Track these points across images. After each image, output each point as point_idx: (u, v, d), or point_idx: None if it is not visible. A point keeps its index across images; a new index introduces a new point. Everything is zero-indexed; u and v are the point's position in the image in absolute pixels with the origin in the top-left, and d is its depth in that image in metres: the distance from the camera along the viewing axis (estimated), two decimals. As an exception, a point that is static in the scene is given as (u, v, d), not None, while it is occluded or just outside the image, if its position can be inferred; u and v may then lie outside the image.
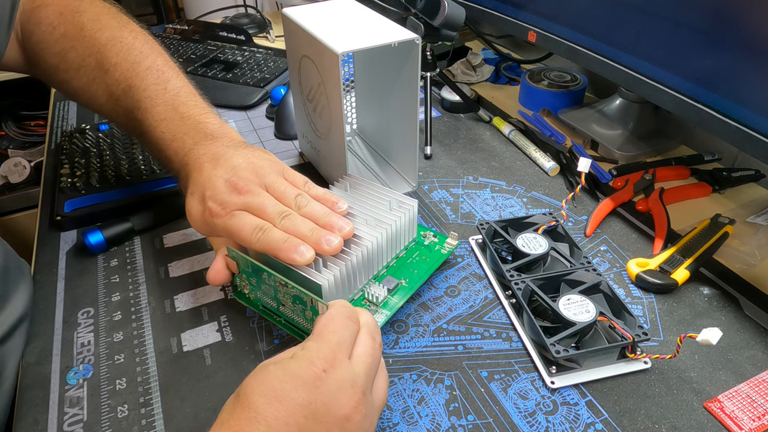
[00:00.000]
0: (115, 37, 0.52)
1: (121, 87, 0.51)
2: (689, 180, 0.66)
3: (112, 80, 0.51)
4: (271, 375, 0.31)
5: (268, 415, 0.30)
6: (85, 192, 0.62)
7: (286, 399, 0.30)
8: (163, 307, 0.51)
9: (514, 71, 0.95)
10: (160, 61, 0.52)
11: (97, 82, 0.52)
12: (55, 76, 0.54)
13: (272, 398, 0.30)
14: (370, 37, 0.52)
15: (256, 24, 1.19)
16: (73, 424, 0.41)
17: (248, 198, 0.43)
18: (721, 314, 0.49)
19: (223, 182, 0.44)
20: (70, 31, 0.52)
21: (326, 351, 0.32)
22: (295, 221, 0.42)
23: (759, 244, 0.56)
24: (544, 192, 0.66)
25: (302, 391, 0.31)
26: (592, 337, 0.44)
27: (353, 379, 0.32)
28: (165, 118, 0.49)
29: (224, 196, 0.43)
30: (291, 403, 0.30)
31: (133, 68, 0.51)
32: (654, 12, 0.54)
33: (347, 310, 0.37)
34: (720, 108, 0.49)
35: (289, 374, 0.31)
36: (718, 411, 0.41)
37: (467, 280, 0.53)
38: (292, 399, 0.30)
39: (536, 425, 0.40)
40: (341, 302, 0.38)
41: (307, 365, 0.31)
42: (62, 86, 0.55)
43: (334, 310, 0.36)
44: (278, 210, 0.43)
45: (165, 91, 0.50)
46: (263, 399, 0.30)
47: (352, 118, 0.74)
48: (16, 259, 0.53)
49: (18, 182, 1.26)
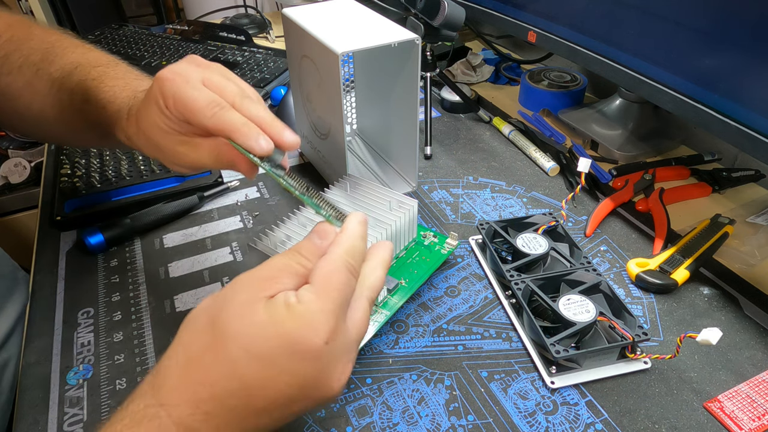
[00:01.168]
0: (64, 37, 0.51)
1: (67, 69, 0.48)
2: (689, 180, 0.66)
3: (58, 67, 0.49)
4: (261, 329, 0.27)
5: (248, 376, 0.27)
6: (85, 192, 0.62)
7: (274, 366, 0.27)
8: (163, 307, 0.51)
9: (514, 71, 0.95)
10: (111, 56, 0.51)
11: (40, 73, 0.49)
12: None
13: (258, 359, 0.27)
14: (370, 37, 0.52)
15: (256, 24, 1.19)
16: (73, 424, 0.41)
17: (207, 72, 0.38)
18: (721, 314, 0.49)
19: (182, 61, 0.39)
20: (18, 35, 0.50)
21: (331, 319, 0.28)
22: (256, 106, 0.38)
23: (759, 244, 0.56)
24: (544, 192, 0.66)
25: (296, 362, 0.27)
26: (592, 337, 0.44)
27: (348, 349, 0.30)
28: (118, 76, 0.46)
29: (181, 66, 0.38)
30: (279, 371, 0.27)
31: (83, 54, 0.49)
32: (654, 12, 0.54)
33: (353, 259, 0.32)
34: (720, 108, 0.49)
35: (286, 339, 0.27)
36: (718, 411, 0.41)
37: (467, 280, 0.53)
38: (282, 368, 0.27)
39: (536, 425, 0.40)
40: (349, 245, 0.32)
41: (310, 334, 0.27)
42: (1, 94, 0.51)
43: (341, 258, 0.31)
44: (238, 91, 0.38)
45: (117, 64, 0.49)
46: (246, 357, 0.27)
47: (352, 118, 0.74)
48: (10, 264, 0.53)
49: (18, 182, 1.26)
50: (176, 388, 0.28)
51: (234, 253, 0.57)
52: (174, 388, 0.28)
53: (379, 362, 0.45)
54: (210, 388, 0.27)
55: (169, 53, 0.99)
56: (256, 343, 0.27)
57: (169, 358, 0.29)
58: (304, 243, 0.33)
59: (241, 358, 0.27)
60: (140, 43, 1.03)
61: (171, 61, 0.96)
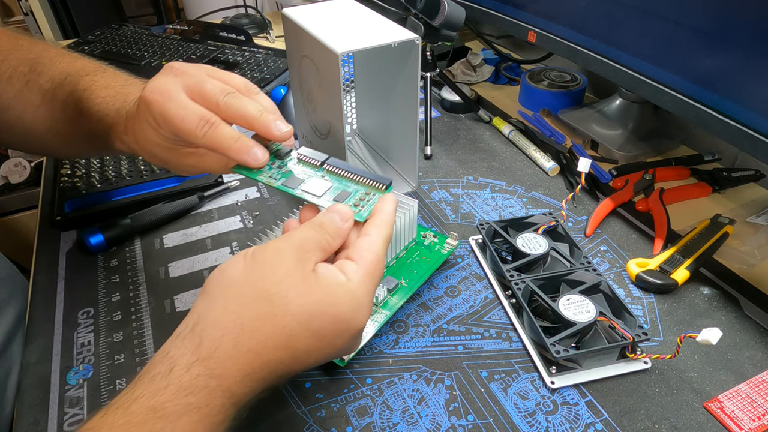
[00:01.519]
0: (49, 46, 0.51)
1: (57, 80, 0.48)
2: (689, 180, 0.66)
3: (47, 78, 0.49)
4: (319, 308, 0.30)
5: (300, 346, 0.29)
6: (85, 192, 0.62)
7: (323, 340, 0.30)
8: (163, 307, 0.51)
9: (514, 71, 0.95)
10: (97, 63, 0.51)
11: (30, 85, 0.49)
12: None
13: (313, 334, 0.29)
14: (370, 37, 0.52)
15: (256, 24, 1.19)
16: (73, 424, 0.41)
17: (186, 79, 0.38)
18: (721, 314, 0.49)
19: (161, 75, 0.40)
20: (4, 46, 0.50)
21: (371, 302, 0.32)
22: (239, 101, 0.38)
23: (759, 244, 0.56)
24: (544, 192, 0.66)
25: (342, 338, 0.31)
26: (592, 337, 0.44)
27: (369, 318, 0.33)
28: (107, 85, 0.46)
29: (161, 81, 0.38)
30: (326, 343, 0.30)
31: (70, 63, 0.49)
32: (654, 12, 0.54)
33: (387, 245, 0.35)
34: (720, 108, 0.49)
35: (340, 319, 0.30)
36: (718, 411, 0.41)
37: (467, 280, 0.53)
38: (329, 341, 0.30)
39: (536, 425, 0.40)
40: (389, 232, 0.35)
41: (358, 317, 0.31)
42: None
43: (383, 246, 0.34)
44: (219, 89, 0.38)
45: (104, 71, 0.49)
46: (304, 332, 0.29)
47: (352, 118, 0.74)
48: (9, 267, 0.53)
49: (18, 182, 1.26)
50: (230, 357, 0.28)
51: (234, 253, 0.57)
52: (228, 358, 0.28)
53: (379, 362, 0.45)
54: (263, 357, 0.29)
55: (169, 53, 0.99)
56: (314, 320, 0.30)
57: (213, 326, 0.29)
58: (328, 222, 0.34)
59: (299, 333, 0.29)
60: (140, 43, 1.03)
61: (171, 61, 0.96)
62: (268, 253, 0.31)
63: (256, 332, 0.29)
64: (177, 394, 0.27)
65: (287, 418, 0.41)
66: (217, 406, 0.28)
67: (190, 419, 0.27)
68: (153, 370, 0.29)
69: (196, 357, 0.28)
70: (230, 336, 0.28)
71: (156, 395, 0.27)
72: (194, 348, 0.29)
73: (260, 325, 0.29)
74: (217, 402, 0.28)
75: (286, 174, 0.40)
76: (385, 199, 0.36)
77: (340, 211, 0.35)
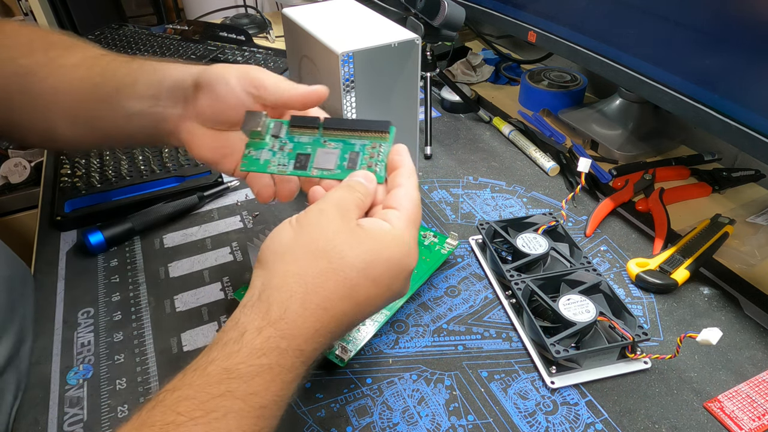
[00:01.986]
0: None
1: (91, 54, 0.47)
2: (689, 180, 0.66)
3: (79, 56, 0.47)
4: (375, 256, 0.31)
5: (361, 294, 0.31)
6: (85, 192, 0.62)
7: (381, 285, 0.32)
8: (163, 307, 0.51)
9: (514, 71, 0.95)
10: None
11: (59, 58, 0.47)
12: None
13: (372, 280, 0.31)
14: (370, 37, 0.52)
15: (256, 24, 1.19)
16: (73, 424, 0.41)
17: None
18: (721, 314, 0.49)
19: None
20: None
21: (416, 244, 0.34)
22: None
23: (759, 244, 0.56)
24: (544, 192, 0.66)
25: (398, 280, 0.33)
26: (592, 337, 0.44)
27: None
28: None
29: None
30: (384, 288, 0.32)
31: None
32: (654, 12, 0.54)
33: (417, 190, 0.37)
34: (720, 108, 0.49)
35: (393, 263, 0.32)
36: (718, 411, 0.41)
37: (467, 280, 0.53)
38: (386, 285, 0.32)
39: (536, 425, 0.40)
40: (416, 180, 0.37)
41: (409, 259, 0.33)
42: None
43: (418, 194, 0.36)
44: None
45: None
46: (364, 280, 0.31)
47: (353, 118, 0.74)
48: (23, 269, 0.53)
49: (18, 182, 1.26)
50: (300, 316, 0.30)
51: (234, 253, 0.57)
52: (298, 317, 0.30)
53: (379, 362, 0.45)
54: (330, 311, 0.30)
55: (169, 53, 0.99)
56: (372, 267, 0.31)
57: (279, 290, 0.30)
58: (356, 184, 0.35)
59: (359, 282, 0.31)
60: (140, 43, 1.03)
61: (171, 61, 0.96)
62: (312, 215, 0.33)
63: (320, 288, 0.30)
64: (250, 355, 0.29)
65: (287, 418, 0.41)
66: (288, 365, 0.29)
67: (263, 379, 0.29)
68: (225, 337, 0.30)
69: (266, 321, 0.29)
70: (297, 296, 0.30)
71: (230, 358, 0.29)
72: (263, 313, 0.30)
73: (323, 280, 0.30)
74: (288, 361, 0.29)
75: (291, 154, 0.40)
76: (398, 152, 0.37)
77: (365, 175, 0.37)
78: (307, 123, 0.40)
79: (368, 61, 0.66)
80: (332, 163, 0.39)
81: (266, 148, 0.40)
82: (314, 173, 0.39)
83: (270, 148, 0.40)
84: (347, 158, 0.39)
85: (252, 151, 0.40)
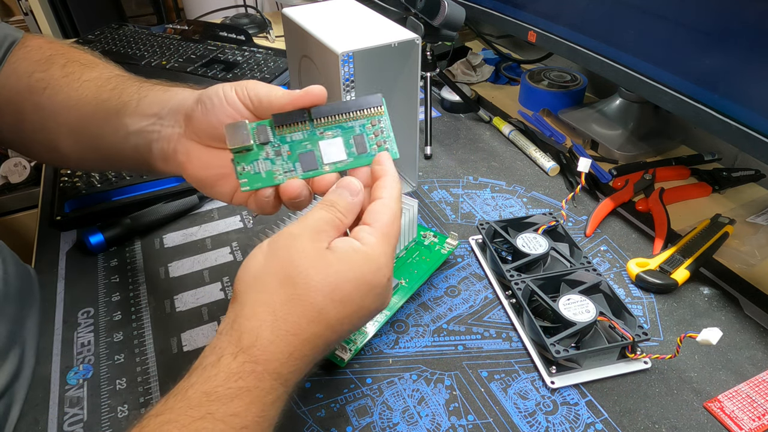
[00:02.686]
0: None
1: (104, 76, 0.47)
2: (689, 180, 0.66)
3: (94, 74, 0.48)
4: (340, 277, 0.31)
5: (330, 316, 0.31)
6: (85, 192, 0.62)
7: (352, 304, 0.32)
8: (163, 307, 0.51)
9: (514, 71, 0.95)
10: None
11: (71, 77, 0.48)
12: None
13: (340, 302, 0.31)
14: (370, 37, 0.52)
15: (256, 24, 1.18)
16: (73, 424, 0.41)
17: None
18: (721, 314, 0.49)
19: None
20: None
21: (390, 259, 0.34)
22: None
23: (759, 244, 0.56)
24: (544, 192, 0.66)
25: (369, 298, 0.33)
26: (592, 337, 0.44)
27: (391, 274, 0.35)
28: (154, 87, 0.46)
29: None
30: (356, 307, 0.32)
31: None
32: (654, 12, 0.54)
33: (400, 204, 0.36)
34: (720, 108, 0.49)
35: (362, 281, 0.32)
36: (718, 411, 0.41)
37: (467, 280, 0.53)
38: (358, 304, 0.32)
39: (536, 425, 0.40)
40: (399, 189, 0.36)
41: (379, 275, 0.33)
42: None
43: (397, 205, 0.35)
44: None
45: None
46: (331, 302, 0.31)
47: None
48: (28, 276, 0.52)
49: (18, 182, 1.26)
50: (271, 342, 0.30)
51: (234, 253, 0.57)
52: (269, 344, 0.30)
53: (379, 362, 0.45)
54: (301, 335, 0.31)
55: (169, 53, 0.99)
56: (338, 289, 0.31)
57: (248, 319, 0.31)
58: (338, 199, 0.35)
59: (326, 305, 0.31)
60: (140, 43, 1.03)
61: (171, 60, 0.96)
62: (283, 239, 0.33)
63: (288, 315, 0.31)
64: (227, 379, 0.30)
65: (287, 418, 0.41)
66: (267, 387, 0.30)
67: (242, 401, 0.29)
68: (204, 361, 0.31)
69: (238, 348, 0.30)
70: (266, 324, 0.31)
71: (208, 381, 0.30)
72: (236, 341, 0.31)
73: (290, 307, 0.31)
74: (266, 384, 0.30)
75: (292, 157, 0.37)
76: (379, 161, 0.37)
77: (349, 185, 0.36)
78: (294, 118, 0.37)
79: (368, 61, 0.66)
80: (342, 152, 0.37)
81: (261, 158, 0.36)
82: (327, 169, 0.37)
83: (265, 156, 0.36)
84: (353, 143, 0.37)
85: (245, 165, 0.36)
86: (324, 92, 0.38)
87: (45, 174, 0.71)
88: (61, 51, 0.50)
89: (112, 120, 0.44)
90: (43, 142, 0.49)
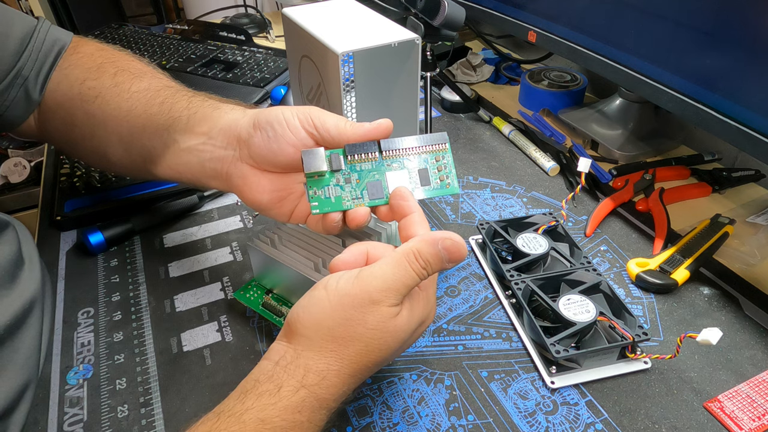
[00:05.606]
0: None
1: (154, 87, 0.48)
2: (689, 180, 0.66)
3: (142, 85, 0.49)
4: (396, 342, 0.35)
5: (371, 361, 0.34)
6: (85, 192, 0.62)
7: (389, 351, 0.35)
8: (163, 307, 0.51)
9: (514, 71, 0.95)
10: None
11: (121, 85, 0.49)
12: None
13: (386, 350, 0.34)
14: (370, 37, 0.52)
15: (256, 24, 1.19)
16: (73, 424, 0.41)
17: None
18: (721, 314, 0.49)
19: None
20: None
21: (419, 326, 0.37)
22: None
23: (759, 244, 0.56)
24: (544, 192, 0.66)
25: (401, 346, 0.36)
26: (592, 337, 0.44)
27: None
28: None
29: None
30: (390, 352, 0.35)
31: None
32: (654, 12, 0.54)
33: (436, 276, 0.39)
34: (720, 108, 0.49)
35: (406, 337, 0.35)
36: (718, 411, 0.41)
37: (467, 280, 0.53)
38: (392, 350, 0.35)
39: (536, 425, 0.40)
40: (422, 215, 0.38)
41: (416, 330, 0.36)
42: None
43: (435, 276, 0.38)
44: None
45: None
46: (384, 355, 0.34)
47: (353, 117, 0.74)
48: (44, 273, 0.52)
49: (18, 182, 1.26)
50: (334, 385, 0.33)
51: (234, 253, 0.57)
52: (332, 385, 0.33)
53: (379, 362, 0.45)
54: (358, 378, 0.35)
55: (169, 53, 0.99)
56: (392, 348, 0.35)
57: (316, 362, 0.33)
58: (434, 262, 0.35)
59: (386, 357, 0.35)
60: (140, 43, 1.03)
61: (171, 60, 0.96)
62: (359, 299, 0.34)
63: (355, 364, 0.34)
64: (285, 410, 0.32)
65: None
66: (317, 420, 0.33)
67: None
68: (260, 387, 0.32)
69: (302, 384, 0.32)
70: (333, 369, 0.33)
71: (265, 409, 0.31)
72: (300, 377, 0.33)
73: (358, 359, 0.34)
74: (318, 417, 0.33)
75: (360, 185, 0.39)
76: (403, 196, 0.38)
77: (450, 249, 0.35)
78: (366, 149, 0.39)
79: (368, 61, 0.66)
80: (406, 184, 0.40)
81: (331, 184, 0.39)
82: None
83: (335, 183, 0.39)
84: (418, 175, 0.40)
85: (317, 190, 0.39)
86: (391, 126, 0.40)
87: (45, 174, 0.71)
88: (112, 59, 0.50)
89: (162, 134, 0.45)
90: (93, 149, 0.50)
